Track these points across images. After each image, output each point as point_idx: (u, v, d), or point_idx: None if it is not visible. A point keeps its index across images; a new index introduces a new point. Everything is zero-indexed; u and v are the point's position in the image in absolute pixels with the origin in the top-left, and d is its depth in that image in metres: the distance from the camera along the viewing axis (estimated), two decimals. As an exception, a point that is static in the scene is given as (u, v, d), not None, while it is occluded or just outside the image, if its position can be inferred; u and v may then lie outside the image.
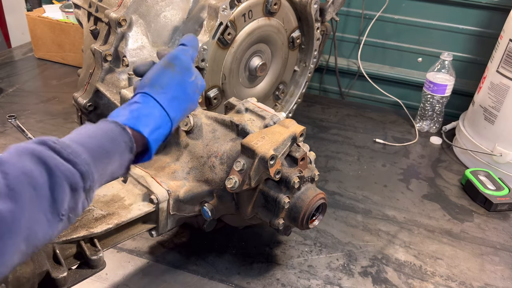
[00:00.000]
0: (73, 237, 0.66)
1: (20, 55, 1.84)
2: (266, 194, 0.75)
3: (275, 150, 0.71)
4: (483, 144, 1.22)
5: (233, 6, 0.90)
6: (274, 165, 0.70)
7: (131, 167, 0.61)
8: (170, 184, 0.77)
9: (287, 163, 0.75)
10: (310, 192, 0.76)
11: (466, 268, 0.91)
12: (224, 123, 0.81)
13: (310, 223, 0.78)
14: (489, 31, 1.45)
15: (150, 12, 0.95)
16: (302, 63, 1.22)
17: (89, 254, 0.66)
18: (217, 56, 0.94)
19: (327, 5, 1.14)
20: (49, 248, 0.64)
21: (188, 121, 0.79)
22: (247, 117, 0.81)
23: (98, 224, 0.69)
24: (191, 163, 0.80)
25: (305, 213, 0.75)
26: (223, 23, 0.89)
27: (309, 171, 0.77)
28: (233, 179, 0.70)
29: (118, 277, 0.83)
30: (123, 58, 0.92)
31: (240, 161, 0.71)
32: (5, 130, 1.28)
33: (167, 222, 0.77)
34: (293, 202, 0.75)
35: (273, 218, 0.76)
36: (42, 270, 0.61)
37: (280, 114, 0.81)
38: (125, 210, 0.72)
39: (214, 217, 0.81)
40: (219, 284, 0.83)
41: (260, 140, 0.72)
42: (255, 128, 0.78)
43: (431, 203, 1.10)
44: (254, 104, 0.84)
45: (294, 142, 0.75)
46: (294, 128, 0.75)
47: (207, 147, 0.79)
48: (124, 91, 0.81)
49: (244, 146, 0.71)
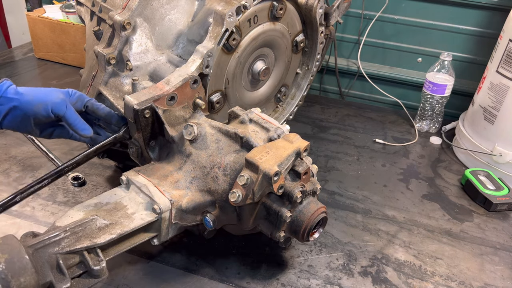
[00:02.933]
0: (77, 247, 0.66)
1: (21, 55, 1.84)
2: (268, 207, 0.76)
3: (279, 166, 0.71)
4: (483, 144, 1.22)
5: (239, 12, 0.89)
6: (277, 181, 0.71)
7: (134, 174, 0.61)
8: (172, 193, 0.77)
9: (290, 177, 0.76)
10: (312, 206, 0.77)
11: (465, 268, 0.91)
12: (228, 134, 0.81)
13: (311, 236, 0.79)
14: (488, 31, 1.45)
15: (155, 15, 0.94)
16: (304, 66, 1.22)
17: (92, 264, 0.66)
18: (221, 62, 0.94)
19: (332, 9, 1.14)
20: (52, 259, 0.64)
21: (192, 130, 0.79)
22: (251, 128, 0.81)
23: (101, 234, 0.69)
24: (194, 173, 0.80)
25: (307, 227, 0.76)
26: (228, 30, 0.89)
27: (311, 185, 0.78)
28: (236, 193, 0.71)
29: (118, 277, 0.84)
30: (127, 62, 0.91)
31: (244, 176, 0.71)
32: (5, 130, 1.28)
33: (168, 231, 0.78)
34: (294, 216, 0.76)
35: (274, 230, 0.77)
36: (46, 281, 0.62)
37: (284, 127, 0.81)
38: (127, 219, 0.73)
39: (216, 228, 0.81)
40: (219, 284, 0.84)
41: (264, 155, 0.72)
42: (259, 140, 0.78)
43: (431, 203, 1.11)
44: (258, 115, 0.84)
45: (298, 157, 0.75)
46: (298, 143, 0.76)
47: (211, 157, 0.79)
48: (127, 97, 0.80)
49: (248, 161, 0.72)
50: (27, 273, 0.59)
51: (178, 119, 0.84)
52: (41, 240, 0.65)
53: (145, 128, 0.82)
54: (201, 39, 0.91)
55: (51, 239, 0.66)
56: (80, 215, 0.72)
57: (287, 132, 0.81)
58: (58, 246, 0.65)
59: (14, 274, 0.58)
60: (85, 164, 1.13)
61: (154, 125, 0.83)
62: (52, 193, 1.04)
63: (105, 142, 0.85)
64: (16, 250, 0.60)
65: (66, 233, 0.67)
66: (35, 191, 0.77)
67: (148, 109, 0.80)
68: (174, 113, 0.84)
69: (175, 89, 0.82)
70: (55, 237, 0.66)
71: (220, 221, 0.81)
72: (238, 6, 0.88)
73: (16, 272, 0.59)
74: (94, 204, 0.75)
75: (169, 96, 0.82)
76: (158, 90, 0.82)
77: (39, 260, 0.63)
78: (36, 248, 0.64)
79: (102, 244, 0.68)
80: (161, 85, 0.83)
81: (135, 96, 0.80)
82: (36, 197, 1.02)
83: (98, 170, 1.13)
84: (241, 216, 0.78)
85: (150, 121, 0.82)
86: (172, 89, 0.82)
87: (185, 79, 0.84)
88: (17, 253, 0.60)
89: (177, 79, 0.84)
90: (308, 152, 0.77)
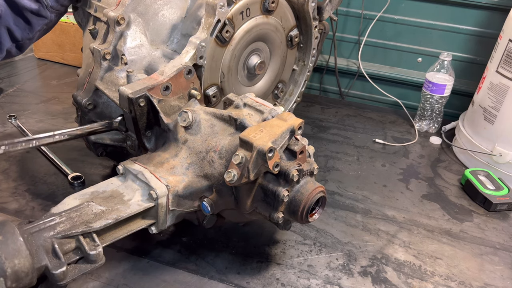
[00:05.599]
0: (72, 232, 0.66)
1: (20, 55, 1.84)
2: (265, 188, 0.75)
3: (273, 143, 0.70)
4: (483, 144, 1.22)
5: (230, 3, 0.90)
6: (272, 158, 0.70)
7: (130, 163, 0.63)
8: (169, 179, 0.77)
9: (285, 156, 0.75)
10: (309, 185, 0.76)
11: (465, 268, 0.91)
12: (222, 118, 0.81)
13: (310, 217, 0.77)
14: (488, 31, 1.45)
15: (149, 11, 0.95)
16: (301, 62, 1.23)
17: (88, 249, 0.65)
18: (216, 54, 0.95)
19: (325, 3, 1.15)
20: (47, 243, 0.64)
21: (186, 116, 0.79)
22: (245, 111, 0.81)
23: (97, 219, 0.69)
24: (190, 159, 0.80)
25: (305, 206, 0.74)
26: (220, 21, 0.90)
27: (308, 165, 0.77)
28: (231, 173, 0.70)
29: (118, 277, 0.83)
30: (122, 56, 0.93)
31: (239, 155, 0.70)
32: (5, 130, 1.28)
33: (166, 218, 0.77)
34: (292, 196, 0.75)
35: (272, 212, 0.76)
36: (41, 264, 0.61)
37: (278, 108, 0.81)
38: (124, 205, 0.73)
39: (214, 212, 0.81)
40: (219, 284, 0.83)
41: (258, 133, 0.71)
42: (254, 122, 0.78)
43: (431, 203, 1.11)
44: (252, 99, 0.84)
45: (293, 135, 0.75)
46: (292, 121, 0.75)
47: (206, 142, 0.79)
48: (122, 88, 0.81)
49: (242, 139, 0.71)
50: (21, 255, 0.59)
51: (173, 109, 0.85)
52: (36, 224, 0.65)
53: (140, 118, 0.83)
54: (194, 33, 0.92)
55: (46, 224, 0.65)
56: (76, 202, 0.72)
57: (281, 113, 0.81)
58: (53, 231, 0.65)
59: (8, 256, 0.58)
60: (85, 164, 1.14)
61: (149, 115, 0.84)
62: (52, 193, 1.04)
63: (100, 124, 0.88)
64: (10, 232, 0.60)
65: (62, 218, 0.67)
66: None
67: (142, 98, 0.81)
68: (169, 103, 0.84)
69: (169, 78, 0.83)
70: (50, 222, 0.66)
71: (218, 206, 0.80)
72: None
73: (10, 253, 0.58)
74: (90, 192, 0.75)
75: (163, 86, 0.83)
76: (152, 80, 0.83)
77: (34, 243, 0.63)
78: (31, 232, 0.63)
79: (98, 229, 0.68)
80: (155, 76, 0.84)
81: (130, 86, 0.81)
82: (36, 197, 1.02)
83: (98, 170, 1.13)
84: (239, 199, 0.77)
85: (145, 111, 0.83)
86: (166, 78, 0.83)
87: (179, 69, 0.85)
88: (11, 235, 0.60)
89: (171, 69, 0.85)
90: (302, 130, 0.76)
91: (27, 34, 0.95)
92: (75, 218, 0.68)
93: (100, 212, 0.70)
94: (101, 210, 0.70)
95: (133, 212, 0.72)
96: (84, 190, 0.76)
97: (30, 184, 1.07)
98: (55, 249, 0.64)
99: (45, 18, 0.95)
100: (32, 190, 1.05)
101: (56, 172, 1.12)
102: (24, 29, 0.93)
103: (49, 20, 0.96)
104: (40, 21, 0.94)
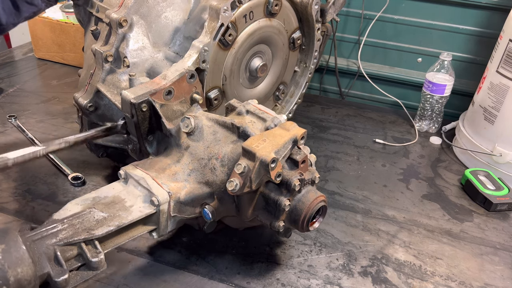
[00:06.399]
0: (74, 239, 0.66)
1: (21, 55, 1.84)
2: (267, 197, 0.75)
3: (276, 153, 0.71)
4: (483, 144, 1.22)
5: (234, 7, 0.90)
6: (275, 168, 0.70)
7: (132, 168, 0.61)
8: (171, 186, 0.77)
9: (287, 165, 0.75)
10: (311, 194, 0.76)
11: (465, 268, 0.91)
12: (225, 125, 0.81)
13: (311, 226, 0.78)
14: (488, 31, 1.45)
15: (151, 13, 0.95)
16: (302, 63, 1.23)
17: (90, 256, 0.66)
18: (218, 57, 0.94)
19: (328, 6, 1.15)
20: (50, 251, 0.64)
21: (189, 122, 0.79)
22: (248, 119, 0.81)
23: (99, 226, 0.69)
24: (192, 165, 0.80)
25: (306, 215, 0.75)
26: (224, 24, 0.89)
27: (309, 174, 0.78)
28: (234, 182, 0.71)
29: (118, 277, 0.84)
30: (124, 59, 0.92)
31: (241, 164, 0.71)
32: (6, 130, 1.28)
33: (167, 224, 0.77)
34: (293, 205, 0.76)
35: (273, 220, 0.77)
36: (43, 272, 0.62)
37: (281, 117, 0.81)
38: (126, 212, 0.73)
39: (215, 219, 0.81)
40: (219, 284, 0.84)
41: (261, 143, 0.72)
42: (256, 130, 0.78)
43: (431, 203, 1.11)
44: (255, 106, 0.84)
45: (295, 145, 0.75)
46: (295, 131, 0.75)
47: (208, 149, 0.79)
48: (124, 92, 0.81)
49: (245, 149, 0.71)
50: (24, 263, 0.59)
51: (175, 113, 0.85)
52: (39, 231, 0.65)
53: (142, 122, 0.83)
54: (197, 35, 0.91)
55: (49, 231, 0.65)
56: (78, 208, 0.72)
57: (284, 121, 0.81)
58: (55, 238, 0.65)
59: (11, 265, 0.58)
60: (85, 164, 1.14)
61: (151, 120, 0.84)
62: (52, 193, 1.04)
63: (103, 128, 0.88)
64: (13, 240, 0.60)
65: (64, 225, 0.67)
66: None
67: (145, 103, 0.80)
68: (172, 108, 0.84)
69: (171, 83, 0.83)
70: (53, 229, 0.66)
71: (219, 213, 0.80)
72: (233, 1, 0.89)
73: (13, 262, 0.58)
74: (92, 198, 0.75)
75: (166, 90, 0.83)
76: (155, 84, 0.83)
77: (37, 251, 0.63)
78: (34, 240, 0.64)
79: (100, 236, 0.68)
80: (158, 80, 0.84)
81: (132, 91, 0.81)
82: (36, 197, 1.02)
83: (98, 170, 1.13)
84: (240, 206, 0.78)
85: (147, 115, 0.82)
86: (168, 83, 0.83)
87: (181, 74, 0.85)
88: (14, 244, 0.60)
89: (174, 74, 0.84)
90: (305, 139, 0.76)
91: (12, 20, 0.92)
92: (77, 225, 0.68)
93: (102, 218, 0.70)
94: (103, 216, 0.70)
95: (135, 218, 0.72)
96: (86, 195, 0.76)
97: (30, 184, 1.07)
98: (57, 256, 0.64)
99: (36, 7, 0.93)
100: (32, 190, 1.05)
101: (56, 172, 1.12)
102: (11, 14, 0.91)
103: (39, 9, 0.95)
104: (30, 9, 0.93)
